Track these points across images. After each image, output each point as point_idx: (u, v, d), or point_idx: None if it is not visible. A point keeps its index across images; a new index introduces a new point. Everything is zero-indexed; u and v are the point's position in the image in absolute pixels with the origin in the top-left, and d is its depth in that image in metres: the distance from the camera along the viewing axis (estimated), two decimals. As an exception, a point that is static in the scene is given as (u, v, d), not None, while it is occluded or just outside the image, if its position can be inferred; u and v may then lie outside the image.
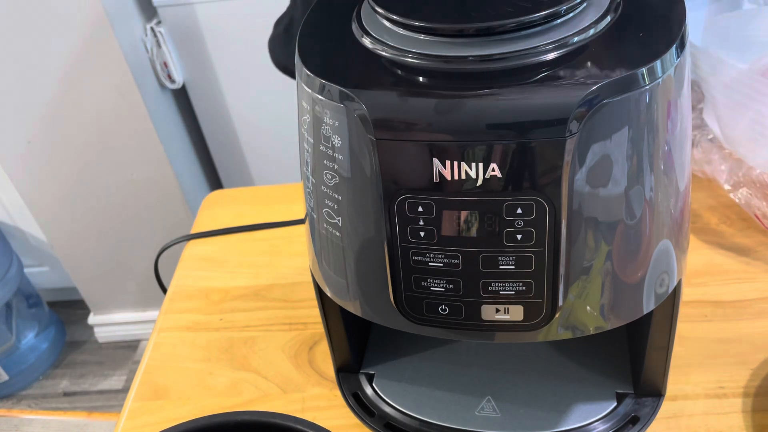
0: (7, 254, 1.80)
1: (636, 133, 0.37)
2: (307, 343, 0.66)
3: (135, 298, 1.87)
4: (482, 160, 0.36)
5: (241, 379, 0.63)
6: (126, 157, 1.51)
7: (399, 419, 0.55)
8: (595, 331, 0.43)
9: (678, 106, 0.39)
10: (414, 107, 0.37)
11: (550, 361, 0.58)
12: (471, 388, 0.57)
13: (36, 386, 1.90)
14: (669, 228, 0.42)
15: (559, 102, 0.35)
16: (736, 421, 0.52)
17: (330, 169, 0.41)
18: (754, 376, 0.56)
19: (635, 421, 0.53)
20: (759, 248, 0.67)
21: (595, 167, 0.37)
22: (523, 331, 0.42)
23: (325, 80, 0.39)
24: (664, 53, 0.36)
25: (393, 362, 0.60)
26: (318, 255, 0.47)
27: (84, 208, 1.62)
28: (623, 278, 0.41)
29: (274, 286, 0.73)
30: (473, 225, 0.38)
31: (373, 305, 0.45)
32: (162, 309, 0.73)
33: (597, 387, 0.55)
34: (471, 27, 0.38)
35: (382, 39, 0.40)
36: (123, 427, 0.60)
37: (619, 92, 0.35)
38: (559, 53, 0.37)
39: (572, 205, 0.37)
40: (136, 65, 1.42)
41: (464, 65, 0.37)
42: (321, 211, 0.44)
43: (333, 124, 0.39)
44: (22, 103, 1.43)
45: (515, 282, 0.40)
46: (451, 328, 0.43)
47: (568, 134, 0.35)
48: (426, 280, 0.41)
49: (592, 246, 0.39)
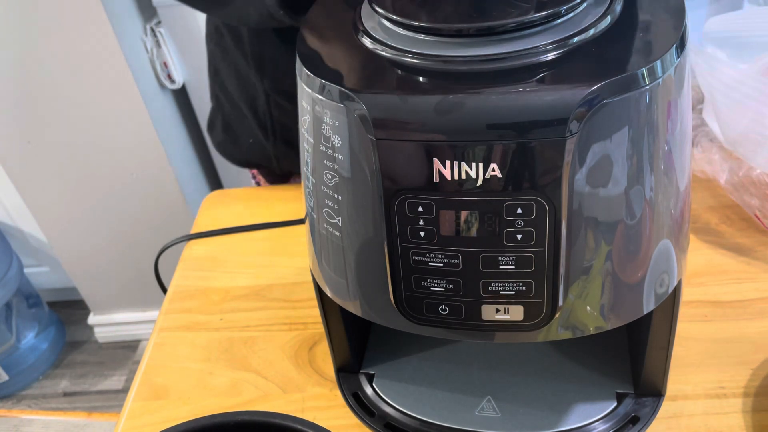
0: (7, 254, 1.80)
1: (636, 133, 0.37)
2: (307, 343, 0.66)
3: (135, 298, 1.87)
4: (482, 160, 0.36)
5: (241, 379, 0.63)
6: (126, 157, 1.51)
7: (399, 419, 0.55)
8: (595, 331, 0.43)
9: (678, 106, 0.39)
10: (414, 107, 0.37)
11: (550, 361, 0.58)
12: (471, 388, 0.57)
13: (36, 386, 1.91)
14: (669, 228, 0.42)
15: (559, 102, 0.35)
16: (736, 421, 0.52)
17: (330, 169, 0.41)
18: (754, 376, 0.56)
19: (635, 421, 0.53)
20: (759, 248, 0.67)
21: (595, 167, 0.37)
22: (523, 331, 0.42)
23: (325, 80, 0.39)
24: (664, 53, 0.36)
25: (393, 362, 0.60)
26: (318, 255, 0.47)
27: (84, 208, 1.62)
28: (623, 278, 0.41)
29: (274, 286, 0.73)
30: (473, 225, 0.38)
31: (373, 305, 0.45)
32: (162, 309, 0.73)
33: (597, 387, 0.55)
34: (471, 27, 0.38)
35: (382, 39, 0.40)
36: (123, 427, 0.60)
37: (619, 92, 0.35)
38: (559, 53, 0.37)
39: (572, 205, 0.37)
40: (136, 65, 1.42)
41: (464, 65, 0.37)
42: (321, 211, 0.44)
43: (333, 124, 0.39)
44: (22, 103, 1.43)
45: (515, 282, 0.40)
46: (451, 328, 0.43)
47: (568, 134, 0.35)
48: (426, 280, 0.41)
49: (592, 246, 0.39)
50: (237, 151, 0.85)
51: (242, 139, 0.83)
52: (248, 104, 0.79)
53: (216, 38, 0.79)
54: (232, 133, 0.84)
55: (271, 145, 0.80)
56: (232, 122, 0.83)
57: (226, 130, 0.84)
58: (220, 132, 0.85)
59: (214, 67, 0.82)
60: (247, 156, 0.85)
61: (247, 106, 0.80)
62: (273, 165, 0.82)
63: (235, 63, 0.78)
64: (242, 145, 0.84)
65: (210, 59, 0.83)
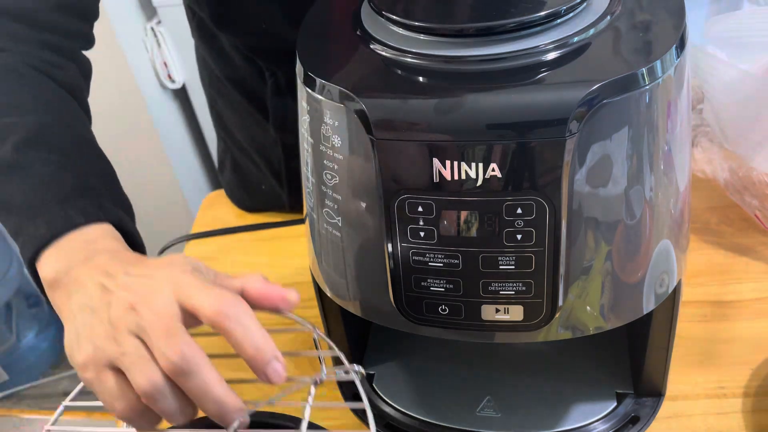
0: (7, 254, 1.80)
1: (636, 133, 0.37)
2: (307, 343, 0.66)
3: (135, 298, 1.86)
4: (482, 160, 0.36)
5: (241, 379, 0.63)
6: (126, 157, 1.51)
7: (399, 419, 0.55)
8: (595, 331, 0.43)
9: (678, 106, 0.39)
10: (414, 107, 0.37)
11: (550, 361, 0.58)
12: (471, 388, 0.57)
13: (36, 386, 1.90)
14: (669, 228, 0.42)
15: (559, 102, 0.35)
16: (736, 421, 0.52)
17: (330, 169, 0.41)
18: (754, 376, 0.56)
19: (635, 421, 0.53)
20: (759, 248, 0.67)
21: (595, 167, 0.37)
22: (523, 331, 0.42)
23: (325, 80, 0.39)
24: (664, 53, 0.36)
25: (393, 362, 0.60)
26: (318, 255, 0.47)
27: (84, 208, 1.62)
28: (623, 278, 0.41)
29: (274, 286, 0.73)
30: (473, 225, 0.38)
31: (373, 305, 0.45)
32: (162, 309, 0.73)
33: (597, 387, 0.55)
34: (471, 27, 0.38)
35: (382, 39, 0.40)
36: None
37: (619, 92, 0.35)
38: (559, 53, 0.37)
39: (572, 205, 0.37)
40: (137, 65, 1.42)
41: (464, 65, 0.37)
42: (321, 211, 0.44)
43: (333, 124, 0.39)
44: (22, 103, 1.43)
45: (515, 282, 0.40)
46: (451, 328, 0.43)
47: (568, 134, 0.35)
48: (426, 280, 0.41)
49: (592, 246, 0.39)
50: (246, 196, 0.84)
51: (252, 184, 0.82)
52: (260, 153, 0.78)
53: (217, 86, 0.78)
54: (240, 176, 0.83)
55: (286, 194, 0.79)
56: (242, 166, 0.82)
57: (235, 171, 0.84)
58: (230, 172, 0.84)
59: (216, 112, 0.81)
60: (258, 203, 0.83)
61: (258, 155, 0.79)
62: (285, 210, 0.82)
63: (244, 114, 0.77)
64: (252, 191, 0.83)
65: (210, 103, 0.82)
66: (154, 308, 0.35)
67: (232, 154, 0.84)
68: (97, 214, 0.43)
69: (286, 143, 0.75)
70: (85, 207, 0.43)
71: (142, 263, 0.39)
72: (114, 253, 0.41)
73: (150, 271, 0.37)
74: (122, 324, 0.35)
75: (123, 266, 0.38)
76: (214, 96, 0.80)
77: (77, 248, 0.41)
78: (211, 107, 0.82)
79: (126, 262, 0.39)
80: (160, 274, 0.36)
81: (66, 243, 0.42)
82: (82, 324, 0.37)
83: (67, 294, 0.40)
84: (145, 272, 0.37)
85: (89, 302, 0.38)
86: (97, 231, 0.43)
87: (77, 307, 0.38)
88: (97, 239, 0.42)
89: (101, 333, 0.36)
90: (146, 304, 0.35)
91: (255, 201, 0.84)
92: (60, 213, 0.42)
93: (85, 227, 0.42)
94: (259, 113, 0.75)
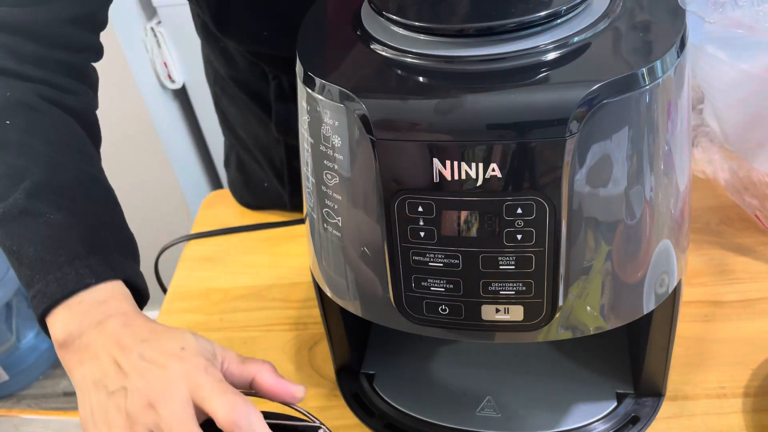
0: (7, 254, 1.80)
1: (636, 133, 0.37)
2: (307, 343, 0.66)
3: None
4: (482, 160, 0.36)
5: None
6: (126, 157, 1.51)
7: (399, 419, 0.55)
8: (595, 331, 0.43)
9: (678, 106, 0.39)
10: (414, 107, 0.37)
11: (550, 361, 0.58)
12: (471, 388, 0.57)
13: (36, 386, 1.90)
14: (669, 228, 0.42)
15: (559, 102, 0.35)
16: (736, 421, 0.52)
17: (330, 169, 0.41)
18: (754, 376, 0.56)
19: (635, 421, 0.53)
20: (759, 248, 0.67)
21: (595, 167, 0.37)
22: (523, 331, 0.42)
23: (325, 80, 0.39)
24: (664, 53, 0.36)
25: (393, 362, 0.60)
26: (318, 255, 0.47)
27: (84, 208, 1.62)
28: (623, 278, 0.41)
29: (274, 286, 0.73)
30: (473, 225, 0.38)
31: (373, 305, 0.45)
32: (162, 309, 0.73)
33: (597, 387, 0.55)
34: (471, 27, 0.38)
35: (383, 39, 0.40)
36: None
37: (619, 92, 0.35)
38: (559, 53, 0.37)
39: (572, 205, 0.37)
40: (136, 65, 1.42)
41: (464, 65, 0.37)
42: (321, 211, 0.44)
43: (333, 124, 0.39)
44: (22, 103, 1.43)
45: (515, 282, 0.40)
46: (451, 328, 0.43)
47: (568, 134, 0.35)
48: (426, 280, 0.41)
49: (592, 246, 0.39)
50: (249, 194, 0.85)
51: (255, 182, 0.83)
52: (263, 152, 0.79)
53: (221, 84, 0.79)
54: (244, 174, 0.84)
55: (288, 194, 0.80)
56: (245, 163, 0.83)
57: (239, 168, 0.84)
58: (234, 169, 0.85)
59: (221, 109, 0.82)
60: (260, 201, 0.84)
61: (261, 154, 0.79)
62: (287, 210, 0.82)
63: (247, 113, 0.77)
64: (255, 189, 0.83)
65: (215, 101, 0.82)
66: (172, 409, 0.37)
67: (236, 152, 0.84)
68: (107, 272, 0.44)
69: (288, 143, 0.76)
70: (95, 266, 0.44)
71: (155, 339, 0.41)
72: (126, 318, 0.42)
73: (163, 359, 0.39)
74: (141, 420, 0.37)
75: (136, 341, 0.40)
76: (218, 94, 0.80)
77: (88, 310, 0.42)
78: (216, 105, 0.83)
79: (138, 334, 0.41)
80: (174, 368, 0.39)
81: (77, 303, 0.43)
82: (98, 404, 0.39)
83: (79, 360, 0.41)
84: (159, 359, 0.39)
85: (103, 379, 0.40)
86: (107, 290, 0.44)
87: (91, 381, 0.40)
88: (107, 299, 0.43)
89: (119, 424, 0.38)
90: (164, 404, 0.37)
91: (257, 199, 0.84)
92: (71, 272, 0.43)
93: (96, 286, 0.43)
94: (262, 113, 0.75)
